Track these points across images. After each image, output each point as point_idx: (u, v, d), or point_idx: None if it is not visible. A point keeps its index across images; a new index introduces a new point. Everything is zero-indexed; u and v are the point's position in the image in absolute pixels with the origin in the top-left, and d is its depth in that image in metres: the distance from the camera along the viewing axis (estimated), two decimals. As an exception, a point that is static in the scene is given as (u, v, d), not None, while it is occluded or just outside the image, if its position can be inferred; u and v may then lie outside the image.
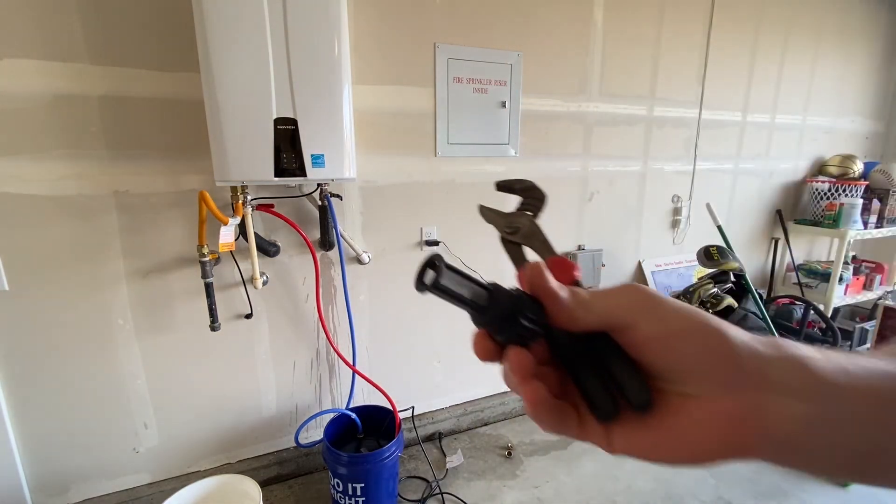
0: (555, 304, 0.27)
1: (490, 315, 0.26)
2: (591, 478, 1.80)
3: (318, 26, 1.26)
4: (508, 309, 0.26)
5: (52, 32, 1.21)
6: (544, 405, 0.26)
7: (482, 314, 0.26)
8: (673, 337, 0.24)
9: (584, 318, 0.26)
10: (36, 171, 1.26)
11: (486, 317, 0.26)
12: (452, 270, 0.25)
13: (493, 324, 0.27)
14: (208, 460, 1.65)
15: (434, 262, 0.25)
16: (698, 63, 2.23)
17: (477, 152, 1.84)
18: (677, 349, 0.24)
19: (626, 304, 0.26)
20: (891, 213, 2.62)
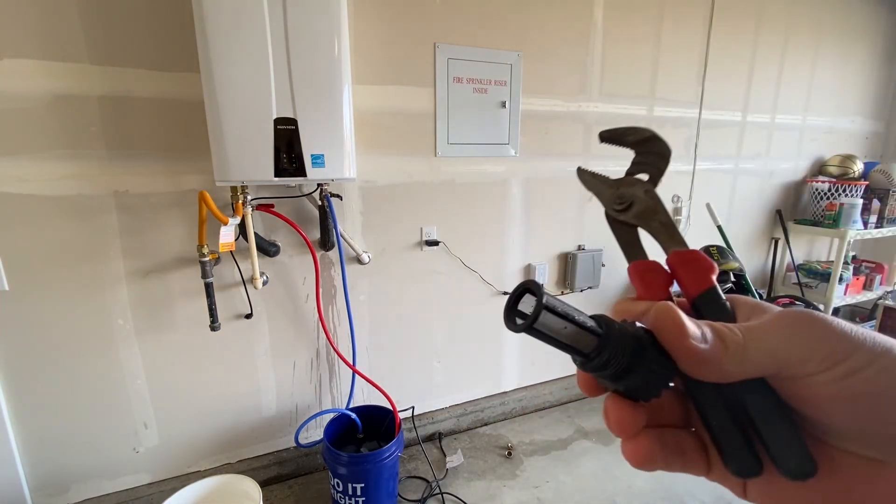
0: (692, 359, 0.20)
1: (597, 364, 0.20)
2: (591, 478, 1.80)
3: (318, 26, 1.26)
4: (622, 360, 0.20)
5: (52, 32, 1.21)
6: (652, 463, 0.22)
7: (589, 361, 0.21)
8: (869, 397, 0.18)
9: (736, 371, 0.20)
10: (36, 171, 1.26)
11: (593, 365, 0.21)
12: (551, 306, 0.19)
13: (602, 373, 0.21)
14: (208, 460, 1.65)
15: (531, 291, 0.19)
16: (698, 63, 2.23)
17: (477, 152, 1.84)
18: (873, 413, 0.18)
19: (800, 348, 0.19)
20: (891, 213, 2.62)
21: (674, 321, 0.20)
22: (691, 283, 0.24)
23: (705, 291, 0.24)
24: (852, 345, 0.18)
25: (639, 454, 0.22)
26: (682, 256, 0.25)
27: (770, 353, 0.19)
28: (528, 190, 1.99)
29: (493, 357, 2.13)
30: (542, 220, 2.05)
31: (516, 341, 2.15)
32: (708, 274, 0.24)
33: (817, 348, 0.19)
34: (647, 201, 0.27)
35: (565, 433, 2.09)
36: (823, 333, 0.19)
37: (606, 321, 0.21)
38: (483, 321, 2.04)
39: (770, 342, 0.20)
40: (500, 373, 2.17)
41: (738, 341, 0.20)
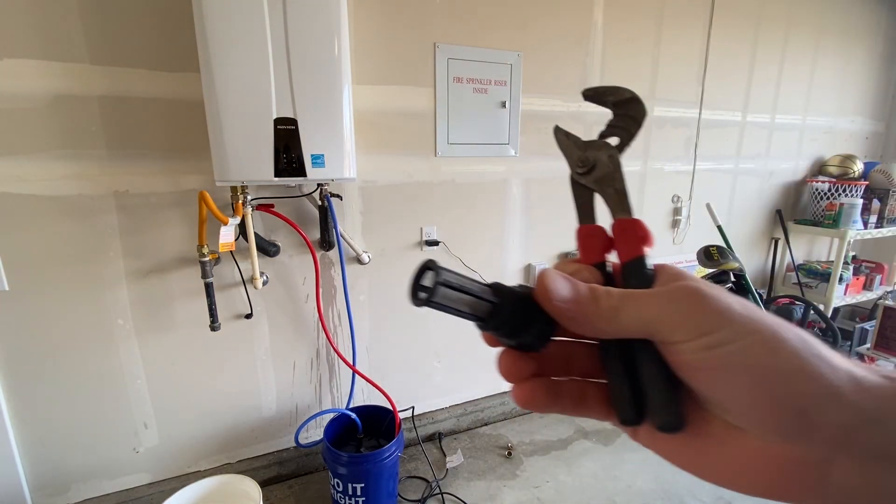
0: (562, 318, 0.22)
1: (492, 326, 0.23)
2: (591, 478, 1.80)
3: (318, 26, 1.26)
4: (512, 319, 0.23)
5: (52, 32, 1.21)
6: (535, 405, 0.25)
7: (486, 324, 0.23)
8: (727, 370, 0.19)
9: (609, 329, 0.22)
10: (36, 171, 1.26)
11: (489, 327, 0.23)
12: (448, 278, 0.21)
13: (498, 332, 0.24)
14: (208, 460, 1.65)
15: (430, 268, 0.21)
16: (698, 63, 2.24)
17: (477, 152, 1.85)
18: (728, 390, 0.20)
19: (670, 316, 0.21)
20: (891, 213, 2.62)
21: (541, 284, 0.22)
22: (623, 250, 0.26)
23: (632, 260, 0.25)
24: (722, 320, 0.20)
25: (521, 397, 0.25)
26: (622, 224, 0.26)
27: (642, 318, 0.21)
28: (527, 190, 1.99)
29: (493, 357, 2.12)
30: (541, 220, 2.05)
31: (516, 341, 2.15)
32: (640, 244, 0.25)
33: (687, 319, 0.20)
34: (608, 166, 0.28)
35: (565, 433, 2.09)
36: (696, 307, 0.20)
37: (500, 288, 0.23)
38: (483, 321, 2.03)
39: (644, 308, 0.21)
40: (500, 373, 2.17)
41: (612, 304, 0.22)
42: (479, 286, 0.22)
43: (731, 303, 0.20)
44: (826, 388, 0.18)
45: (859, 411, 0.18)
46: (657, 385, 0.22)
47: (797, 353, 0.19)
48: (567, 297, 0.22)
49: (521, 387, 0.25)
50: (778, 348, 0.19)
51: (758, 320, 0.19)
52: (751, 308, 0.20)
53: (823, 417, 0.18)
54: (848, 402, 0.18)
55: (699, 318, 0.20)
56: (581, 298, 0.22)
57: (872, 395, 0.18)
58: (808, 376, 0.18)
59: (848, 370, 0.19)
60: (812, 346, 0.19)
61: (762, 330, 0.19)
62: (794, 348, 0.19)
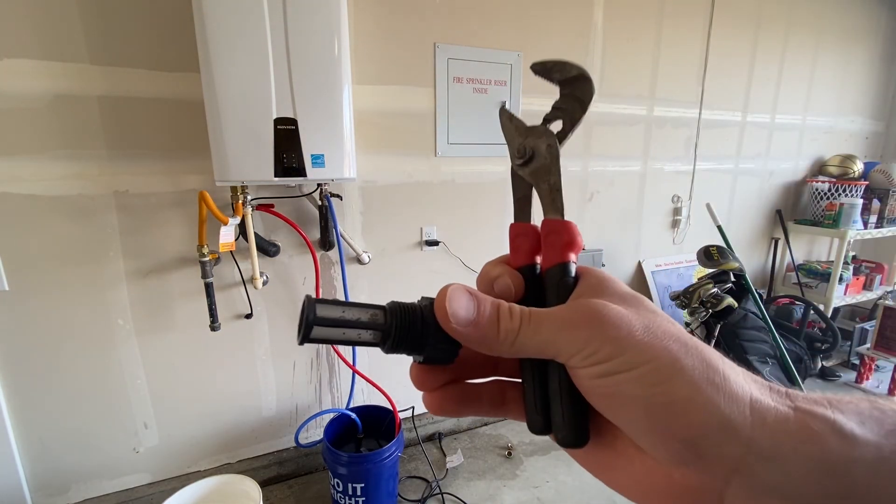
0: (460, 339, 0.21)
1: (388, 349, 0.22)
2: (591, 478, 1.80)
3: (318, 26, 1.26)
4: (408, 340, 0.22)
5: (52, 32, 1.21)
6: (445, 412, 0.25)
7: (382, 346, 0.22)
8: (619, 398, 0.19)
9: (509, 352, 0.22)
10: (36, 171, 1.26)
11: (386, 349, 0.22)
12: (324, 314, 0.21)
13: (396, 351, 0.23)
14: (208, 460, 1.65)
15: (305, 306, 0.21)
16: (698, 63, 2.23)
17: (477, 152, 1.85)
18: (621, 416, 0.20)
19: (566, 342, 0.20)
20: (891, 213, 2.62)
21: (440, 304, 0.21)
22: (547, 254, 0.24)
23: (553, 266, 0.24)
24: (617, 348, 0.19)
25: (432, 405, 0.25)
26: (550, 226, 0.24)
27: (542, 343, 0.21)
28: (528, 190, 1.99)
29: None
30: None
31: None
32: (565, 250, 0.24)
33: (583, 346, 0.20)
34: (546, 158, 0.25)
35: (565, 433, 2.09)
36: (593, 333, 0.20)
37: (393, 309, 0.22)
38: (483, 321, 2.04)
39: (545, 333, 0.21)
40: (500, 373, 2.17)
41: (512, 329, 0.21)
42: (368, 312, 0.22)
43: (634, 327, 0.19)
44: (717, 420, 0.18)
45: (752, 446, 0.17)
46: (560, 400, 0.22)
47: (691, 383, 0.18)
48: (467, 321, 0.21)
49: (431, 395, 0.25)
50: (671, 377, 0.18)
51: (657, 347, 0.19)
52: (656, 330, 0.19)
53: (714, 449, 0.18)
54: (740, 435, 0.17)
55: (595, 345, 0.19)
56: (481, 321, 0.21)
57: (770, 431, 0.17)
58: (699, 407, 0.18)
59: (750, 400, 0.18)
60: (714, 373, 0.18)
61: (658, 357, 0.19)
62: (688, 377, 0.18)
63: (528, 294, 0.25)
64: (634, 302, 0.22)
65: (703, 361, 0.19)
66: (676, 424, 0.18)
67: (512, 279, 0.24)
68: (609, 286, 0.23)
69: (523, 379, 0.24)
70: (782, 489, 0.17)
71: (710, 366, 0.19)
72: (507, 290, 0.24)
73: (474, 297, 0.22)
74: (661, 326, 0.20)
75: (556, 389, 0.22)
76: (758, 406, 0.18)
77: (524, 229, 0.26)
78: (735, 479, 0.18)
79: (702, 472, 0.18)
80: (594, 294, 0.22)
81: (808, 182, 2.71)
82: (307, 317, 0.20)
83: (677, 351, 0.19)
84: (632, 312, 0.20)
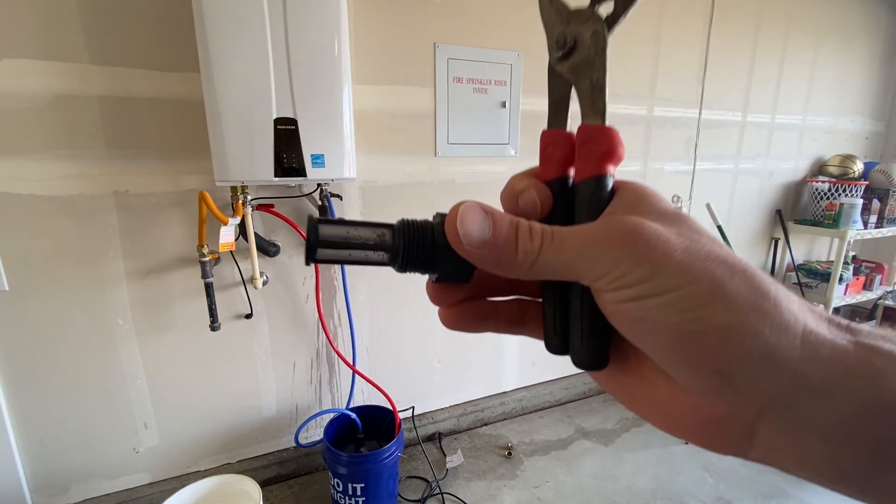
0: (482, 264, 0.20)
1: (398, 267, 0.21)
2: (591, 478, 1.80)
3: (318, 26, 1.26)
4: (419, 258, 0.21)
5: (52, 32, 1.21)
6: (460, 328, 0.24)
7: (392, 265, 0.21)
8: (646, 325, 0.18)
9: (528, 274, 0.20)
10: (36, 171, 1.26)
11: (397, 268, 0.21)
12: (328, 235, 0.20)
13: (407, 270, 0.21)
14: (208, 460, 1.65)
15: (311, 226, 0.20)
16: (698, 63, 2.23)
17: (477, 152, 1.84)
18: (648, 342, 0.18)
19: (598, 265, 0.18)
20: (891, 213, 2.62)
21: (451, 224, 0.19)
22: (581, 165, 0.22)
23: (586, 179, 0.21)
24: (652, 271, 0.17)
25: (447, 319, 0.24)
26: (587, 132, 0.21)
27: (565, 265, 0.19)
28: (528, 190, 1.99)
29: (493, 357, 2.13)
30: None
31: (516, 341, 2.15)
32: (602, 160, 0.21)
33: (613, 268, 0.18)
34: (590, 49, 0.21)
35: (565, 433, 2.09)
36: (626, 254, 0.18)
37: (401, 228, 0.21)
38: (483, 321, 2.04)
39: (568, 254, 0.19)
40: (500, 373, 2.17)
41: (531, 249, 0.19)
42: (375, 231, 0.21)
43: (672, 247, 0.17)
44: (760, 351, 0.16)
45: (799, 380, 0.16)
46: (580, 323, 0.21)
47: (733, 309, 0.16)
48: (481, 241, 0.19)
49: (447, 311, 0.24)
50: (710, 303, 0.16)
51: (697, 269, 0.17)
52: (698, 251, 0.17)
53: (750, 382, 0.16)
54: (786, 368, 0.16)
55: (625, 267, 0.17)
56: (498, 241, 0.19)
57: (823, 364, 0.16)
58: (740, 336, 0.16)
59: (803, 331, 0.16)
60: (762, 298, 0.17)
61: (698, 280, 0.17)
62: (730, 303, 0.16)
63: (555, 211, 0.22)
64: (676, 221, 0.19)
65: (751, 286, 0.17)
66: (710, 354, 0.17)
67: (539, 194, 0.22)
68: (649, 202, 0.20)
69: (543, 298, 0.23)
70: (826, 427, 0.16)
71: (758, 291, 0.17)
72: (532, 205, 0.22)
73: (490, 215, 0.20)
74: (705, 247, 0.18)
75: (576, 311, 0.21)
76: (811, 338, 0.16)
77: (557, 137, 0.23)
78: (770, 413, 0.17)
79: (733, 403, 0.17)
80: (630, 211, 0.20)
81: (808, 182, 2.71)
82: (310, 238, 0.20)
83: (720, 274, 0.17)
84: (671, 232, 0.18)
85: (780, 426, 0.17)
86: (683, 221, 0.19)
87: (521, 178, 0.23)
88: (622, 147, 0.21)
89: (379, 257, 0.21)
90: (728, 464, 1.87)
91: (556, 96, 0.23)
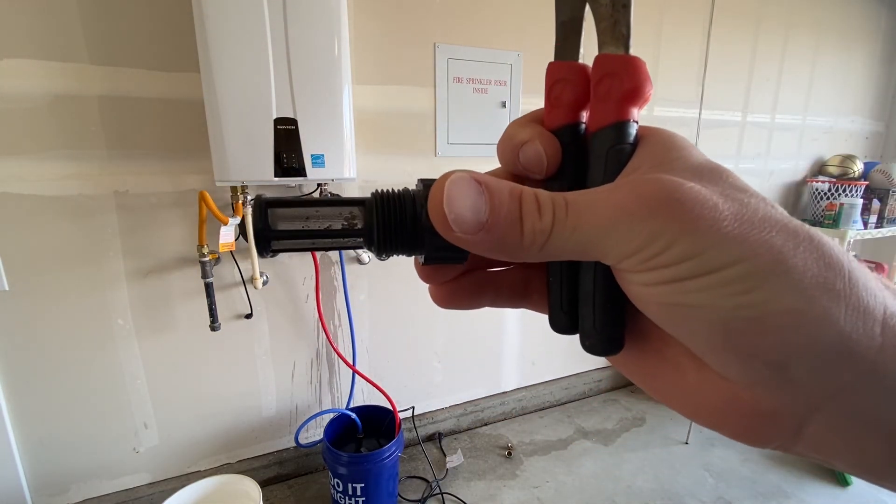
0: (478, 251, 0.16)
1: (377, 252, 0.18)
2: (591, 478, 1.80)
3: (318, 26, 1.26)
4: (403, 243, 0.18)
5: (52, 32, 1.21)
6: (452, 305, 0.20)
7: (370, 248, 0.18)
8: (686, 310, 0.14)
9: (537, 259, 0.16)
10: (36, 171, 1.26)
11: (376, 253, 0.18)
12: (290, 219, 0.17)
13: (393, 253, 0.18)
14: (208, 460, 1.65)
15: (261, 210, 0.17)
16: (698, 63, 2.23)
17: (477, 152, 1.84)
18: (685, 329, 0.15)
19: (623, 243, 0.15)
20: (891, 213, 2.62)
21: (435, 207, 0.16)
22: (597, 109, 0.17)
23: (605, 127, 0.17)
24: (697, 245, 0.14)
25: (439, 297, 0.20)
26: (606, 64, 0.16)
27: (584, 244, 0.15)
28: (528, 190, 1.99)
29: (493, 357, 2.13)
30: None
31: (516, 341, 2.15)
32: (623, 102, 0.16)
33: (647, 245, 0.14)
34: None
35: (565, 433, 2.09)
36: (665, 226, 0.14)
37: (373, 206, 0.17)
38: (483, 321, 2.04)
39: (588, 230, 0.15)
40: (500, 373, 2.17)
41: (541, 229, 0.15)
42: (342, 214, 0.17)
43: (721, 212, 0.14)
44: (831, 341, 0.13)
45: (875, 374, 0.13)
46: (593, 305, 0.18)
47: (799, 288, 0.13)
48: (475, 226, 0.15)
49: (440, 287, 0.20)
50: (769, 281, 0.13)
51: (754, 241, 0.14)
52: (752, 217, 0.14)
53: (813, 377, 0.14)
54: (861, 361, 0.13)
55: (663, 242, 0.14)
56: (497, 223, 0.15)
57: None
58: (807, 323, 0.13)
59: (884, 315, 0.13)
60: (835, 275, 0.13)
61: (756, 255, 0.13)
62: (796, 281, 0.13)
63: (565, 167, 0.18)
64: (717, 177, 0.15)
65: (821, 259, 0.14)
66: (766, 344, 0.13)
67: (545, 145, 0.18)
68: (680, 154, 0.16)
69: (548, 270, 0.19)
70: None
71: (830, 265, 0.14)
72: (537, 161, 0.18)
73: (484, 188, 0.15)
74: (759, 211, 0.14)
75: (588, 291, 0.18)
76: (894, 323, 0.13)
77: (567, 71, 0.18)
78: (829, 407, 0.14)
79: (784, 396, 0.14)
80: (658, 167, 0.16)
81: (808, 182, 2.71)
82: (257, 226, 0.16)
83: (782, 245, 0.13)
84: (715, 193, 0.14)
85: (838, 423, 0.14)
86: (726, 177, 0.15)
87: (523, 126, 0.19)
88: (650, 84, 0.17)
89: (352, 242, 0.18)
90: (728, 464, 1.87)
91: (566, 17, 0.18)
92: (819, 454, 0.15)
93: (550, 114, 0.19)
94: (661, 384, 0.18)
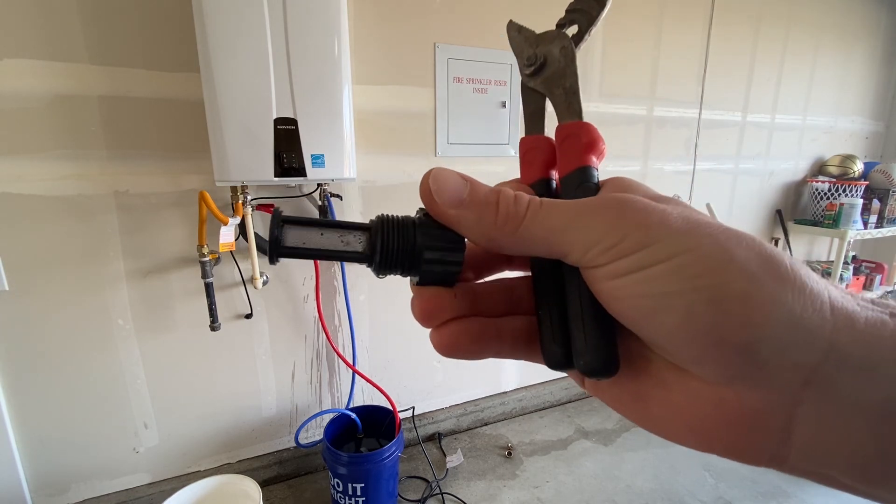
0: (461, 227, 0.18)
1: (379, 263, 0.19)
2: (591, 478, 1.80)
3: (318, 26, 1.26)
4: (396, 253, 0.19)
5: (52, 32, 1.21)
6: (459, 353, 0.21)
7: (369, 263, 0.20)
8: (650, 301, 0.15)
9: (510, 244, 0.18)
10: (36, 171, 1.26)
11: (374, 266, 0.20)
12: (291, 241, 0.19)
13: (385, 269, 0.20)
14: (208, 460, 1.65)
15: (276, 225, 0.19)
16: (698, 63, 2.23)
17: (477, 152, 1.85)
18: (655, 322, 0.16)
19: (581, 232, 0.17)
20: (891, 213, 2.62)
21: (423, 184, 0.18)
22: (565, 161, 0.21)
23: (572, 172, 0.21)
24: (649, 236, 0.15)
25: (441, 343, 0.20)
26: (566, 130, 0.21)
27: (551, 231, 0.17)
28: (528, 190, 1.99)
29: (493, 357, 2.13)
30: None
31: (516, 341, 2.15)
32: (584, 152, 0.20)
33: (605, 236, 0.16)
34: (560, 61, 0.22)
35: (565, 433, 2.09)
36: (619, 220, 0.16)
37: (377, 230, 0.19)
38: (483, 321, 2.04)
39: (555, 219, 0.17)
40: (500, 373, 2.17)
41: (515, 212, 0.18)
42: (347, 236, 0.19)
43: (668, 213, 0.16)
44: (786, 317, 0.14)
45: (834, 353, 0.14)
46: (582, 322, 0.19)
47: (746, 272, 0.14)
48: (456, 199, 0.18)
49: (439, 331, 0.21)
50: (720, 267, 0.15)
51: (699, 234, 0.15)
52: (698, 219, 0.16)
53: (780, 355, 0.14)
54: (817, 338, 0.14)
55: (618, 233, 0.16)
56: (475, 198, 0.18)
57: (861, 335, 0.14)
58: (760, 302, 0.14)
59: (830, 299, 0.14)
60: (776, 265, 0.15)
61: (701, 245, 0.15)
62: (741, 266, 0.14)
63: None
64: (667, 199, 0.18)
65: (762, 252, 0.15)
66: (729, 325, 0.14)
67: (524, 191, 0.21)
68: (639, 188, 0.19)
69: (537, 303, 0.21)
70: (875, 405, 0.14)
71: (770, 259, 0.15)
72: None
73: (466, 179, 0.19)
74: (703, 218, 0.16)
75: (576, 311, 0.19)
76: (841, 307, 0.14)
77: (536, 142, 0.23)
78: (809, 395, 0.14)
79: (764, 386, 0.15)
80: (616, 192, 0.19)
81: (808, 182, 2.71)
82: (273, 243, 0.19)
83: (726, 241, 0.15)
84: (660, 204, 0.17)
85: (822, 414, 0.14)
86: (677, 201, 0.18)
87: (503, 185, 0.22)
88: (602, 141, 0.21)
89: (353, 257, 0.20)
90: (728, 464, 1.87)
91: (532, 109, 0.24)
92: (813, 462, 0.15)
93: (526, 173, 0.23)
94: (651, 409, 0.18)
